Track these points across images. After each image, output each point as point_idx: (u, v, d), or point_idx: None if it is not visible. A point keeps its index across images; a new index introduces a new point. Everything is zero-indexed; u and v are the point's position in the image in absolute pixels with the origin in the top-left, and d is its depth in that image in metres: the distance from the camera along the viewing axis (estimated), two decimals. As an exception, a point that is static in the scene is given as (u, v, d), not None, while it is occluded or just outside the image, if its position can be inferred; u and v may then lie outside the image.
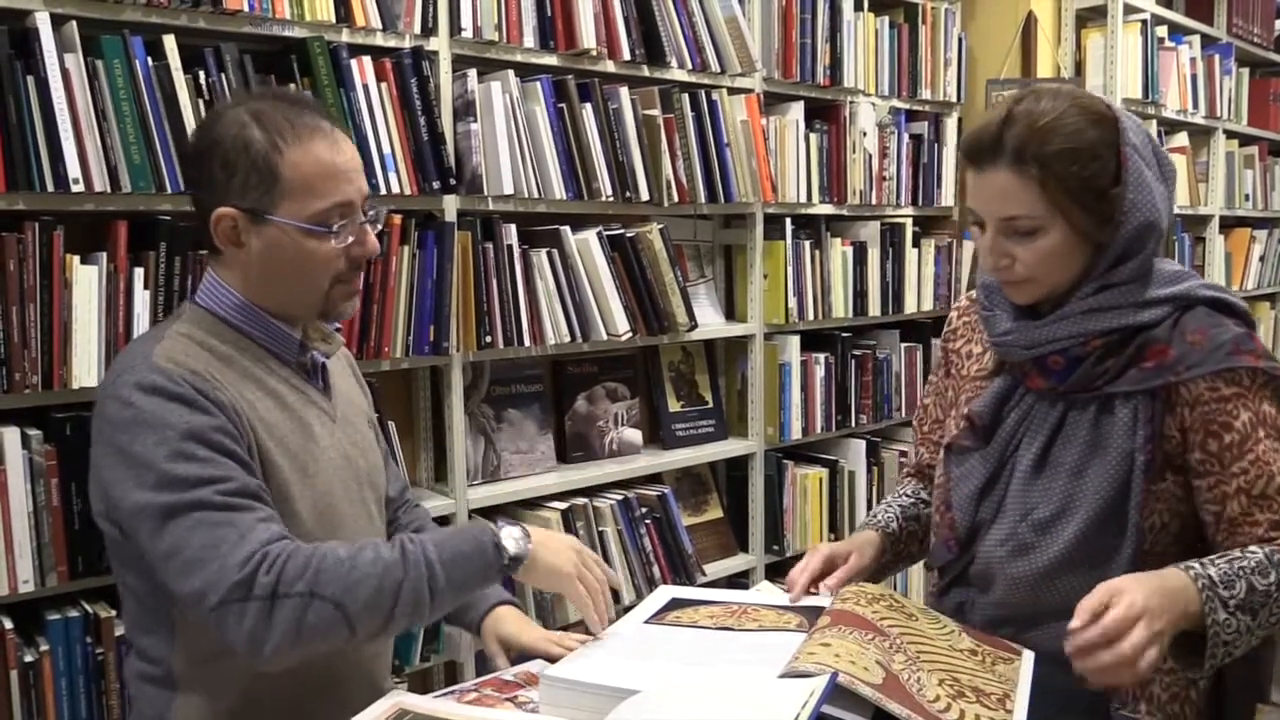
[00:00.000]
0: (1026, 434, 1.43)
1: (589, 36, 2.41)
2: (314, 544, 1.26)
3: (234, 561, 1.21)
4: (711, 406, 2.98)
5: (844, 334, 3.17)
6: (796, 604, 1.44)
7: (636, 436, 2.80)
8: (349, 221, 1.37)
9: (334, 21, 2.03)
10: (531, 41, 2.35)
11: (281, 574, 1.21)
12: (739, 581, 2.94)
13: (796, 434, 3.04)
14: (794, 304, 2.97)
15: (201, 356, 1.34)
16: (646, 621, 1.42)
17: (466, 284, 2.26)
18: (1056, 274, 1.38)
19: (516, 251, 2.34)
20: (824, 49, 3.01)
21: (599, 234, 2.48)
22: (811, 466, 3.13)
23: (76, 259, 1.76)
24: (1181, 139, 4.26)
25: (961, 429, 1.50)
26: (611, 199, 2.47)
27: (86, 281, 1.76)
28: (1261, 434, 1.33)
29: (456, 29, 2.23)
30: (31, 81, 1.69)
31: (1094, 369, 1.37)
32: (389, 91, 2.12)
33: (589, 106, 2.42)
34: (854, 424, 3.22)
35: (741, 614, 1.40)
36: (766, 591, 1.52)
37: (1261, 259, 4.92)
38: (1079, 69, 3.78)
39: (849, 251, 3.14)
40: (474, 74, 2.26)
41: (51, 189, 1.72)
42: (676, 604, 1.46)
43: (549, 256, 2.40)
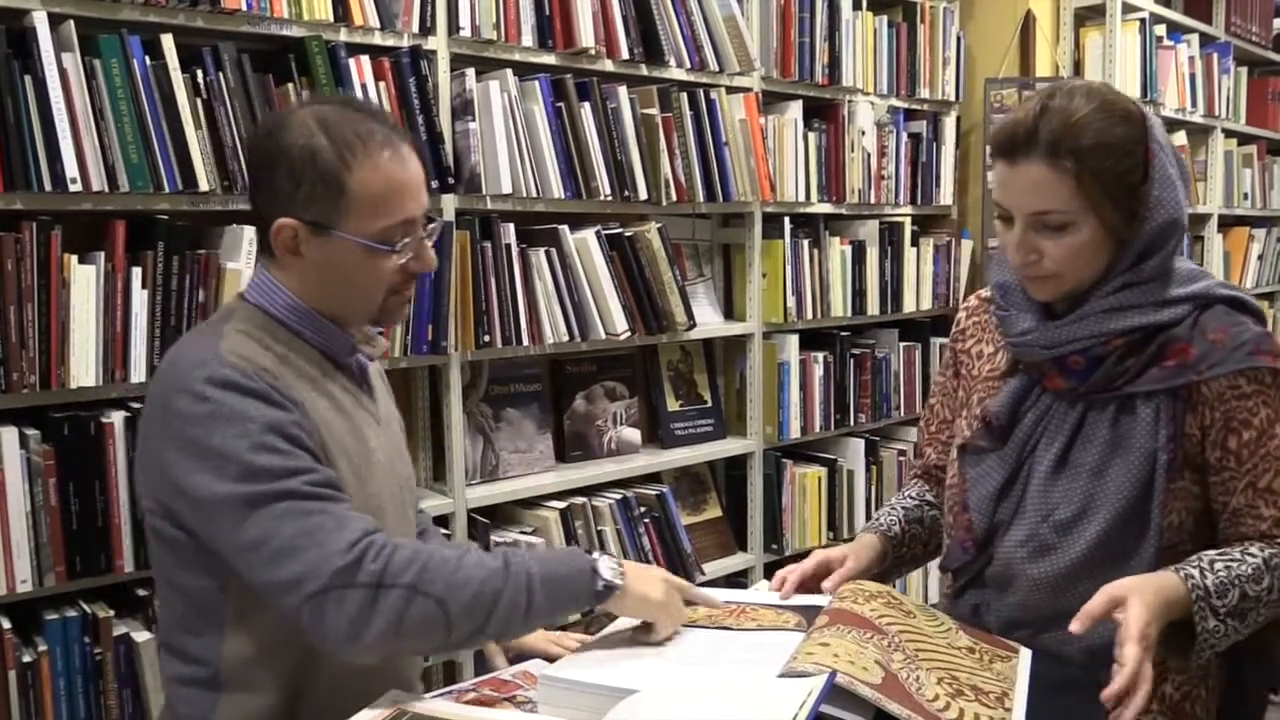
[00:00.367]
0: (1045, 434, 1.43)
1: (587, 35, 2.41)
2: (414, 541, 1.24)
3: (336, 548, 1.18)
4: (710, 406, 2.98)
5: (843, 333, 3.18)
6: (795, 603, 1.44)
7: (635, 436, 2.80)
8: (410, 239, 1.36)
9: (332, 20, 2.03)
10: (530, 40, 2.35)
11: (388, 564, 1.19)
12: (738, 581, 2.94)
13: (795, 433, 3.04)
14: (793, 303, 2.97)
15: (265, 354, 1.32)
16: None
17: (465, 283, 2.26)
18: (1082, 270, 1.38)
19: (515, 251, 2.34)
20: (822, 48, 3.01)
21: (597, 233, 2.48)
22: (810, 465, 3.13)
23: (74, 258, 1.76)
24: (1180, 138, 4.26)
25: (976, 430, 1.49)
26: (610, 198, 2.47)
27: (84, 281, 1.76)
28: (1278, 430, 1.35)
29: (455, 28, 2.23)
30: (29, 81, 1.69)
31: (1115, 368, 1.37)
32: (387, 91, 2.12)
33: (587, 105, 2.42)
34: (853, 423, 3.22)
35: (740, 613, 1.40)
36: (765, 591, 1.52)
37: (1260, 258, 4.92)
38: (1077, 68, 3.78)
39: (847, 250, 3.13)
40: (472, 73, 2.26)
41: (49, 188, 1.71)
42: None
43: (547, 256, 2.40)
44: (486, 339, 2.30)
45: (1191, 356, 1.35)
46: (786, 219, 2.94)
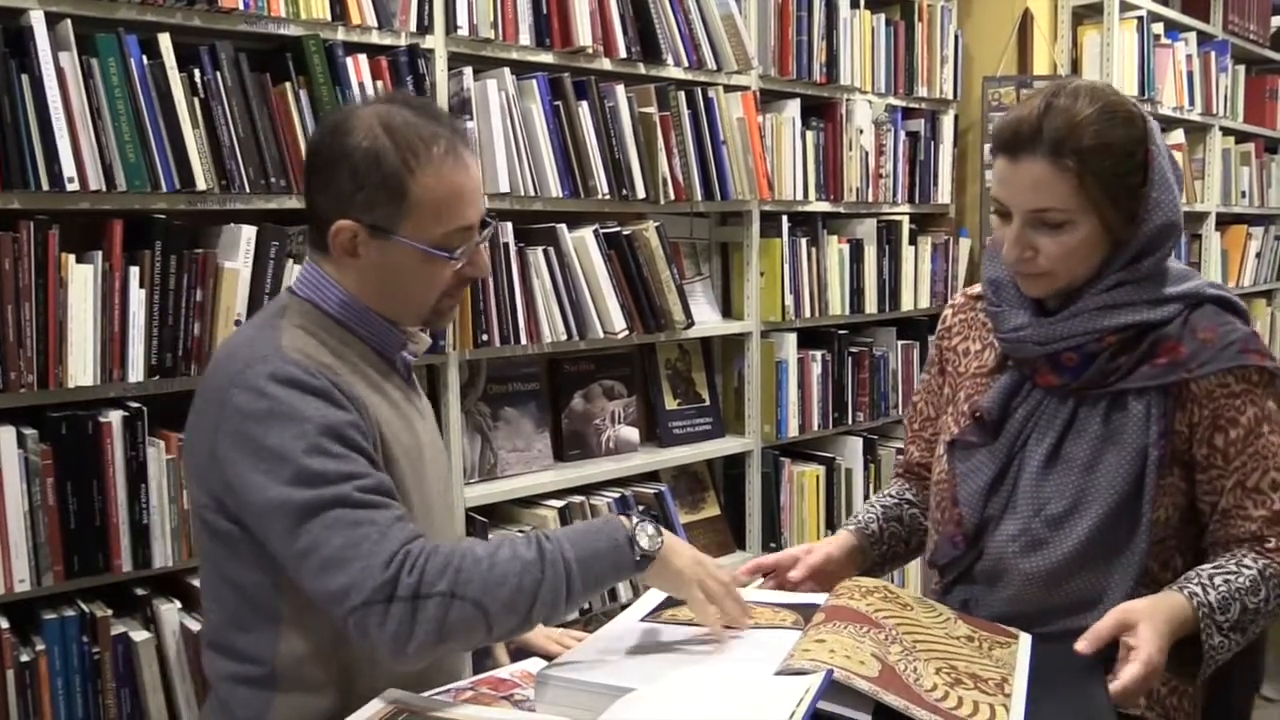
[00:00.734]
0: (1036, 429, 1.44)
1: (585, 34, 2.41)
2: (450, 542, 1.24)
3: (378, 562, 1.18)
4: (708, 404, 2.98)
5: (840, 331, 3.18)
6: (792, 601, 1.44)
7: (633, 434, 2.80)
8: (468, 245, 1.36)
9: (329, 19, 2.03)
10: (527, 39, 2.35)
11: (423, 574, 1.18)
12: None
13: (793, 431, 3.04)
14: (790, 301, 2.97)
15: (324, 351, 1.31)
16: (642, 619, 1.42)
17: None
18: (1076, 268, 1.39)
19: (513, 250, 2.33)
20: (820, 46, 3.01)
21: (595, 232, 2.48)
22: (808, 464, 3.13)
23: (72, 258, 1.76)
24: (1178, 136, 4.26)
25: (966, 425, 1.50)
26: (608, 197, 2.47)
27: (82, 280, 1.76)
28: (1265, 429, 1.37)
29: (452, 27, 2.22)
30: (26, 80, 1.69)
31: (1108, 365, 1.38)
32: (385, 89, 2.11)
33: (585, 104, 2.42)
34: (850, 421, 3.22)
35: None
36: (762, 589, 1.52)
37: (1258, 256, 4.92)
38: (1075, 66, 3.78)
39: (845, 249, 3.14)
40: (470, 72, 2.26)
41: (47, 188, 1.71)
42: (672, 602, 1.46)
43: (545, 255, 2.40)
44: (484, 338, 2.30)
45: (1182, 354, 1.37)
46: (784, 217, 2.94)
